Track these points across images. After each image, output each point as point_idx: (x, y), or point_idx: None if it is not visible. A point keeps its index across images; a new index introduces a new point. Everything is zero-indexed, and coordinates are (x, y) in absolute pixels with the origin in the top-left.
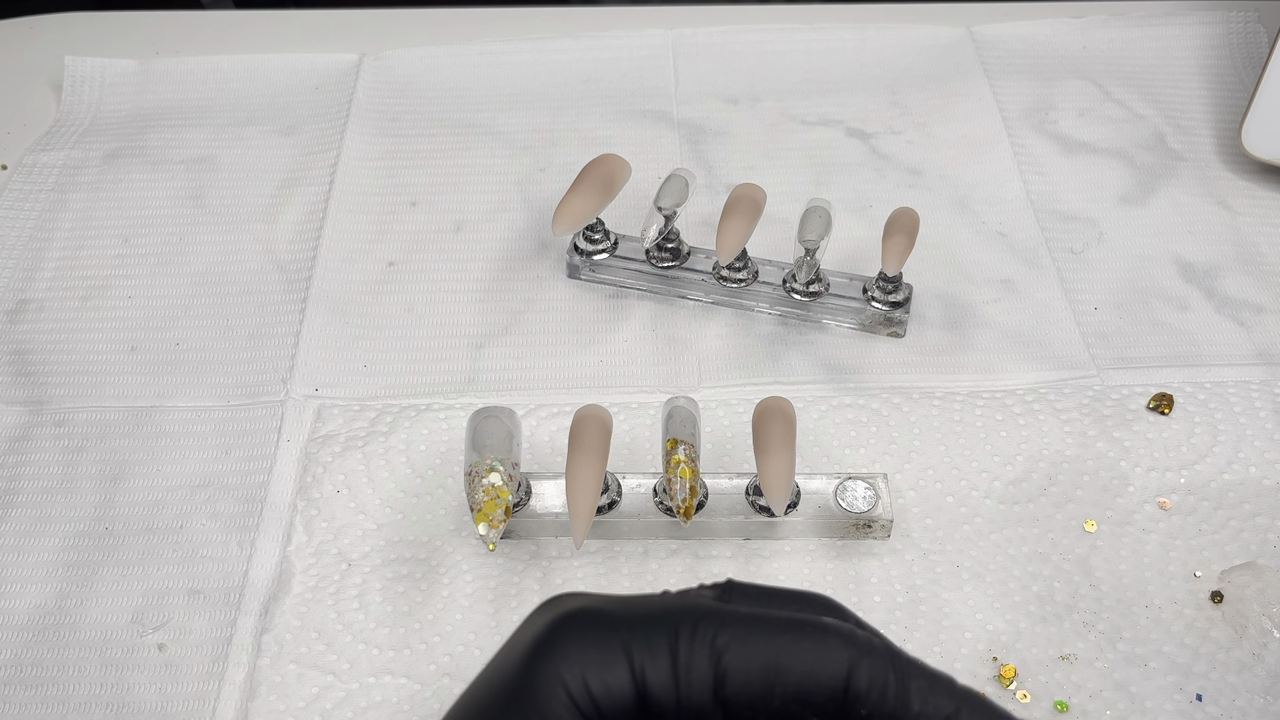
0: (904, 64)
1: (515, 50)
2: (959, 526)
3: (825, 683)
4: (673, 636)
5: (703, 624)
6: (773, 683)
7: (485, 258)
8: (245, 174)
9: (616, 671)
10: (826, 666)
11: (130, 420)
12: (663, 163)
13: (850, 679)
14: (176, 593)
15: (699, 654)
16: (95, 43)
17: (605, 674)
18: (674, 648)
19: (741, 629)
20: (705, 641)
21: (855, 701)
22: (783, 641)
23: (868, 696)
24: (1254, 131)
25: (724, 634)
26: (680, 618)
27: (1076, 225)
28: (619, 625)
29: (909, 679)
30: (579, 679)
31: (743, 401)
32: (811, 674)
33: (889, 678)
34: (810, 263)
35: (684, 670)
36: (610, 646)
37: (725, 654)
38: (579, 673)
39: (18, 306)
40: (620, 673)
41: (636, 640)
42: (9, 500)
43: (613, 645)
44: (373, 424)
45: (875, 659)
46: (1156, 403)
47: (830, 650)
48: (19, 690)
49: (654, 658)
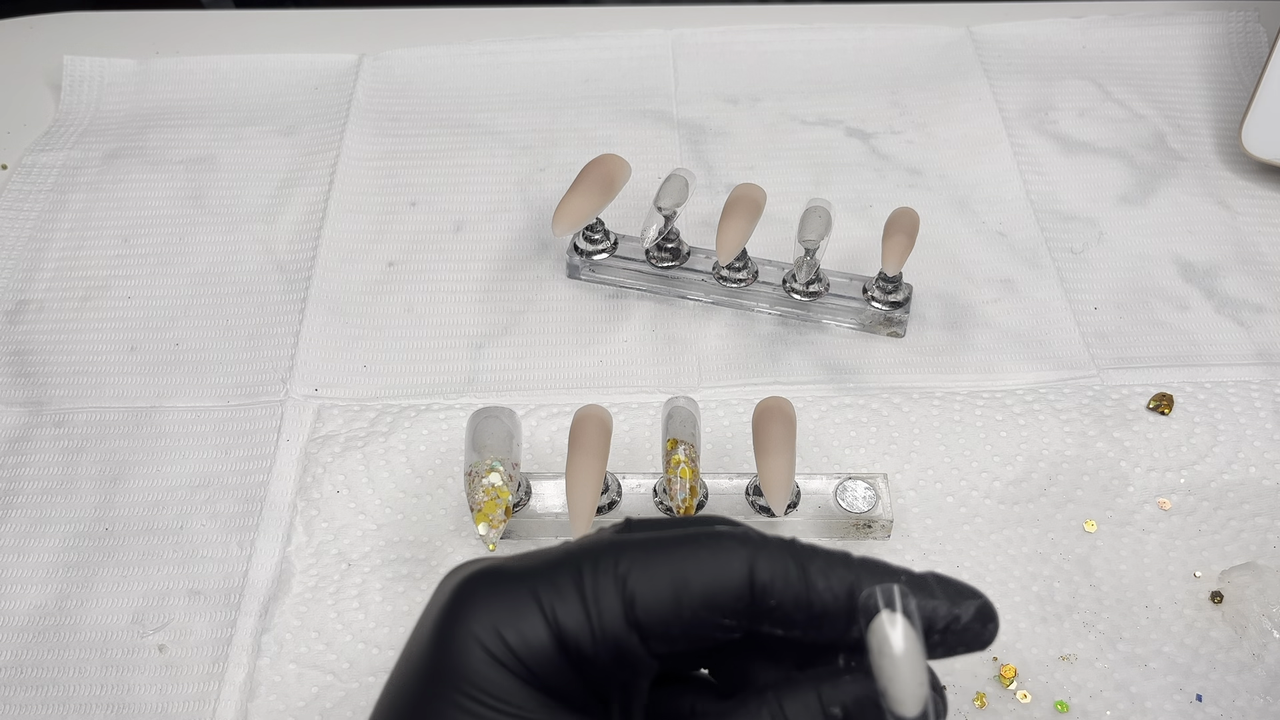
0: (904, 64)
1: (515, 50)
2: (959, 527)
3: (729, 584)
4: (577, 574)
5: (603, 556)
6: (679, 595)
7: (485, 258)
8: (245, 174)
9: (529, 620)
10: (727, 568)
11: (130, 420)
12: (662, 163)
13: (753, 574)
14: (176, 593)
15: (604, 584)
16: (94, 42)
17: (519, 624)
18: (579, 584)
19: (640, 552)
20: (608, 571)
21: (762, 595)
22: (681, 555)
23: (772, 587)
24: (1254, 131)
25: (624, 560)
26: (580, 556)
27: (1076, 225)
28: (523, 576)
29: (807, 562)
30: (493, 635)
31: (743, 401)
32: (714, 579)
33: (788, 565)
34: (810, 263)
35: (592, 603)
36: (518, 597)
37: (629, 578)
38: (492, 628)
39: (17, 307)
40: (533, 620)
41: (542, 585)
42: (9, 501)
43: (520, 595)
44: (372, 424)
45: (771, 551)
46: (1156, 403)
47: (727, 552)
48: (19, 691)
49: (562, 597)
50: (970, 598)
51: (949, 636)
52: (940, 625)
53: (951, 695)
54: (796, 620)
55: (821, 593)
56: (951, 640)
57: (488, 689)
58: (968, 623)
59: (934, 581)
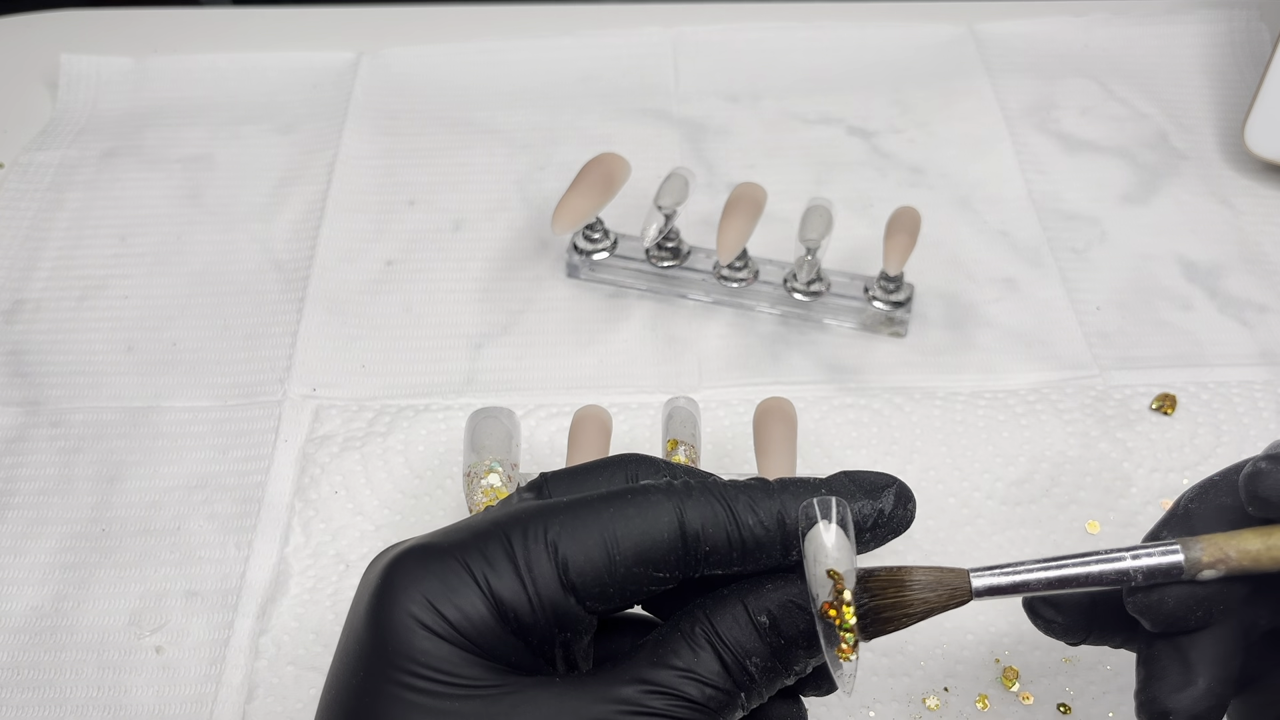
0: (905, 62)
1: (514, 48)
2: (961, 528)
3: (660, 538)
4: (506, 543)
5: (531, 523)
6: (611, 553)
7: (484, 257)
8: (242, 173)
9: (464, 593)
10: (656, 523)
11: (127, 421)
12: (663, 161)
13: (682, 525)
14: (174, 594)
15: (535, 551)
16: (91, 40)
17: (454, 598)
18: (511, 553)
19: (568, 515)
20: (538, 538)
21: (694, 542)
22: (609, 514)
23: (704, 533)
24: (1257, 130)
25: (553, 525)
26: (508, 525)
27: (1079, 224)
28: (452, 550)
29: (733, 501)
30: (430, 610)
31: (743, 402)
32: (645, 534)
33: (715, 508)
34: (811, 262)
35: (526, 570)
36: (450, 571)
37: (560, 542)
38: (427, 604)
39: (13, 306)
40: (469, 593)
41: (473, 558)
42: (5, 502)
43: (452, 569)
44: (371, 424)
45: (696, 497)
46: (1159, 403)
47: (654, 506)
48: (15, 693)
49: (495, 568)
50: (885, 486)
51: (878, 530)
52: (869, 524)
53: (954, 697)
54: (733, 559)
55: (752, 528)
56: (881, 532)
57: (431, 664)
58: (891, 511)
59: (848, 481)
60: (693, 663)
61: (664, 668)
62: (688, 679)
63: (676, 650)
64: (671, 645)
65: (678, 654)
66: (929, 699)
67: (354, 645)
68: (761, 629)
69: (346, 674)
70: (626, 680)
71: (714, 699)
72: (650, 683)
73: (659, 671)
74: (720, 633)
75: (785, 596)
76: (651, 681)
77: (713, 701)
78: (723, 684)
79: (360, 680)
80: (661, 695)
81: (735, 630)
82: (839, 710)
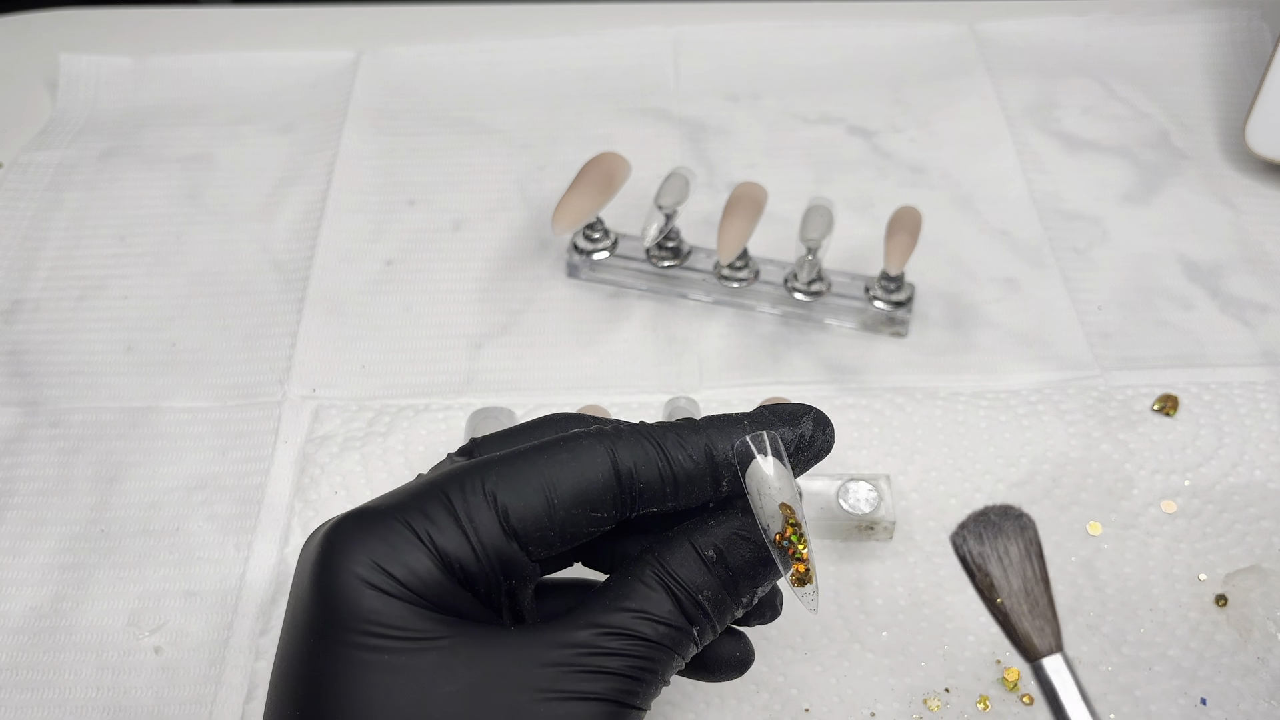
0: (906, 61)
1: (514, 48)
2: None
3: (595, 478)
4: (446, 500)
5: (468, 478)
6: (549, 498)
7: (484, 257)
8: (242, 172)
9: (408, 550)
10: (590, 465)
11: (126, 421)
12: (663, 161)
13: (615, 464)
14: (173, 595)
15: (475, 503)
16: (91, 40)
17: (400, 556)
18: (450, 508)
19: (504, 466)
20: (476, 490)
21: (628, 480)
22: (543, 461)
23: (637, 471)
24: (1258, 129)
25: (490, 477)
26: (444, 484)
27: (1080, 224)
28: (391, 511)
29: (661, 439)
30: (376, 570)
31: (744, 402)
32: (580, 476)
33: (645, 447)
34: (812, 262)
35: (467, 521)
36: (392, 531)
37: (499, 491)
38: (373, 564)
39: (13, 306)
40: (413, 550)
41: (413, 516)
42: (3, 502)
43: (394, 529)
44: (370, 424)
45: (627, 438)
46: (1161, 404)
47: (585, 450)
48: (14, 694)
49: (437, 524)
50: (803, 414)
51: (801, 455)
52: (791, 449)
53: (955, 699)
54: (666, 495)
55: (682, 462)
56: (805, 457)
57: (383, 621)
58: (811, 436)
59: (769, 413)
60: (645, 603)
61: (618, 610)
62: (642, 619)
63: (629, 593)
64: (624, 588)
65: (630, 596)
66: (930, 700)
67: (302, 615)
68: (710, 563)
69: (297, 644)
70: (581, 625)
71: (668, 636)
72: (605, 625)
73: (613, 615)
74: (670, 570)
75: (729, 530)
76: (606, 624)
77: (667, 639)
78: (676, 621)
79: (313, 646)
80: (617, 636)
81: (684, 567)
82: (840, 710)
